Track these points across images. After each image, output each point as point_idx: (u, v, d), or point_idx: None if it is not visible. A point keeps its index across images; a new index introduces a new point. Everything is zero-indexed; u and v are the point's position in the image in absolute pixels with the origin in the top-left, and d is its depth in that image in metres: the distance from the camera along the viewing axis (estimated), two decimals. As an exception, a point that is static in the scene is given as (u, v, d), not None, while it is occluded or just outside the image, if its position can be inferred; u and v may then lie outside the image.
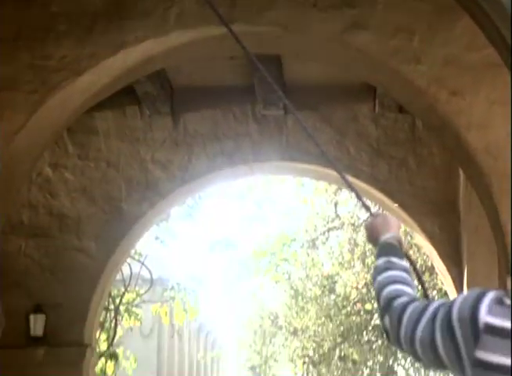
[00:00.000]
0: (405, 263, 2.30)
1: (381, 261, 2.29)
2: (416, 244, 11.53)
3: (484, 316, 1.80)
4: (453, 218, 7.60)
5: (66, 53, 5.15)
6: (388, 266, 2.25)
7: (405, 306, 2.05)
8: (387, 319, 2.11)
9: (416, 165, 7.86)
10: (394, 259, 2.28)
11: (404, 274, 2.24)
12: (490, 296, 1.84)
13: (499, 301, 1.83)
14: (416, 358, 2.01)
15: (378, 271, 2.26)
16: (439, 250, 7.64)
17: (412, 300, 2.08)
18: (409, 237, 11.82)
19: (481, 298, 1.83)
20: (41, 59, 5.13)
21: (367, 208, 2.75)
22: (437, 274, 9.92)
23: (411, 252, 12.19)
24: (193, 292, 12.72)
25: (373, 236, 2.46)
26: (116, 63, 5.29)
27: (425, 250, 8.70)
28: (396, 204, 7.70)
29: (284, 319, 15.46)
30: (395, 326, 2.05)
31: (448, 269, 7.56)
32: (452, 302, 1.90)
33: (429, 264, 11.49)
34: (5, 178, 5.17)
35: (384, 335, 2.17)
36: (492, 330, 1.78)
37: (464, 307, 1.84)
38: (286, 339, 15.45)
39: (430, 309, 1.95)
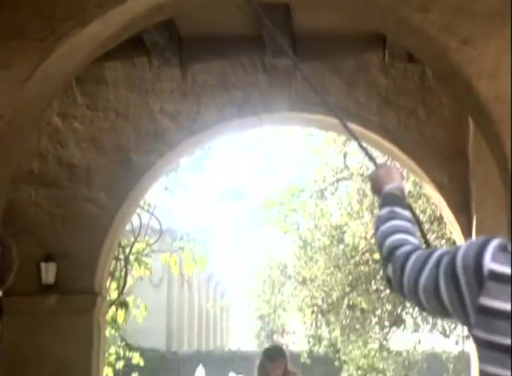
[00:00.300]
0: (408, 213, 2.31)
1: (384, 211, 2.30)
2: (425, 194, 11.54)
3: (489, 263, 1.80)
4: (462, 168, 7.59)
5: (73, 1, 5.11)
6: (391, 216, 2.26)
7: (408, 255, 2.05)
8: (390, 269, 2.12)
9: (426, 115, 7.83)
10: (398, 209, 2.29)
11: (407, 224, 2.25)
12: (494, 243, 1.84)
13: (503, 248, 1.83)
14: (420, 307, 2.02)
15: (381, 220, 2.27)
16: (448, 199, 7.64)
17: (416, 249, 2.08)
18: (417, 187, 11.83)
19: (486, 246, 1.84)
20: (49, 8, 5.09)
21: (371, 158, 2.76)
22: (445, 224, 9.94)
23: (420, 202, 12.20)
24: (203, 242, 12.79)
25: (376, 186, 2.48)
26: (123, 12, 5.24)
27: (434, 200, 8.70)
28: None
29: (293, 269, 15.55)
30: (398, 275, 2.06)
31: (457, 219, 7.56)
32: (456, 250, 1.90)
33: (438, 214, 11.51)
34: (13, 127, 5.17)
35: (387, 284, 2.18)
36: (495, 276, 1.79)
37: (468, 254, 1.85)
38: (294, 289, 15.56)
39: (434, 256, 1.95)
